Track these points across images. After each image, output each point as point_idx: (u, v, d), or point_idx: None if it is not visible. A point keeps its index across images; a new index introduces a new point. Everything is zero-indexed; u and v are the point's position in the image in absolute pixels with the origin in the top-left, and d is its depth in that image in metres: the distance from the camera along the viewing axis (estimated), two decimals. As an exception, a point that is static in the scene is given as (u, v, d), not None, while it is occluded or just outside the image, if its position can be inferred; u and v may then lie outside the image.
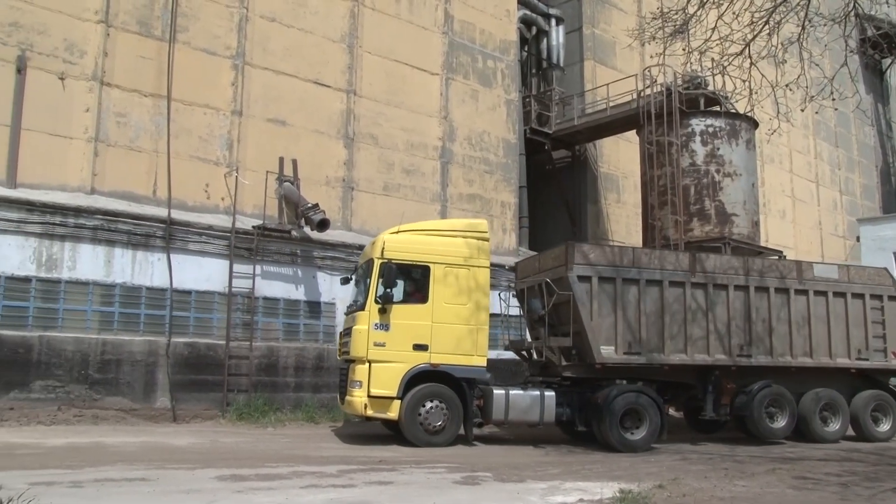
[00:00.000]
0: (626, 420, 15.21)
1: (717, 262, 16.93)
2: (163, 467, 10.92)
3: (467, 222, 16.41)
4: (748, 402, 16.49)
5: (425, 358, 14.43)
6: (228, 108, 19.12)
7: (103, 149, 17.26)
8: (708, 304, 16.35)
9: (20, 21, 16.59)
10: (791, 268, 17.63)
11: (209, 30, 19.02)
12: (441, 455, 13.47)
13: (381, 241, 14.87)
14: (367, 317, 14.37)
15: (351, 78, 21.31)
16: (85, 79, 17.19)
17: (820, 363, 17.25)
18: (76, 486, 9.24)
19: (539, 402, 15.12)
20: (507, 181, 24.71)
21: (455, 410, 14.49)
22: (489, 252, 15.50)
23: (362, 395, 14.12)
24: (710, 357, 16.31)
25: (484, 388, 14.99)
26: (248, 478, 10.36)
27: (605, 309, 15.60)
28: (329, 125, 20.87)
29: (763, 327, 16.84)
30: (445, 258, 14.90)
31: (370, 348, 14.23)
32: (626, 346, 15.66)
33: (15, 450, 12.06)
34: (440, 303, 14.68)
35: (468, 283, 14.95)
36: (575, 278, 15.41)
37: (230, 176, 18.83)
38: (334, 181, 20.85)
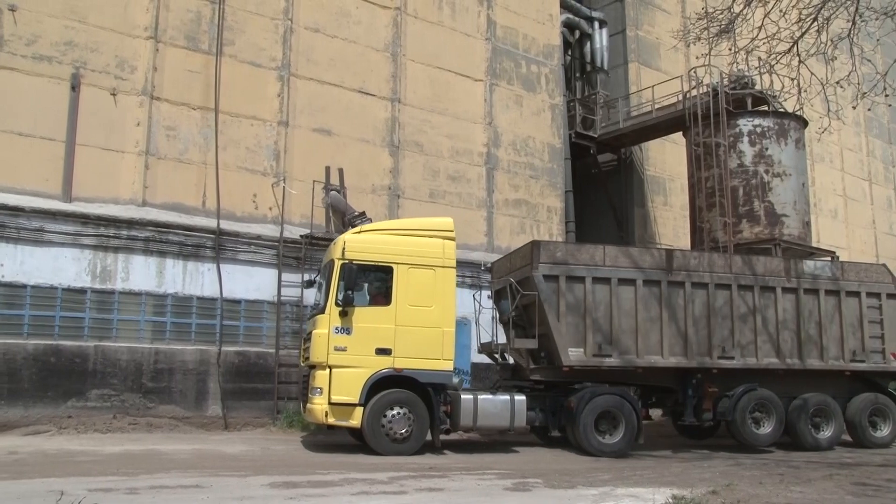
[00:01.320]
0: (601, 424, 14.84)
1: (697, 259, 16.29)
2: (216, 474, 11.00)
3: (433, 220, 15.71)
4: (731, 407, 15.79)
5: (388, 363, 13.78)
6: (275, 119, 19.26)
7: (154, 162, 17.51)
8: (686, 303, 15.70)
9: (74, 40, 16.94)
10: (779, 265, 16.90)
11: (255, 42, 19.20)
12: (491, 462, 13.43)
13: (342, 241, 14.20)
14: (328, 320, 13.76)
15: (395, 86, 21.36)
16: (135, 94, 17.47)
17: (811, 366, 16.51)
18: (133, 493, 9.36)
19: (509, 406, 14.54)
20: (553, 186, 24.54)
21: (421, 417, 13.86)
22: (455, 251, 14.74)
23: (323, 403, 13.50)
24: (687, 359, 15.67)
25: (451, 393, 14.44)
26: (299, 485, 10.37)
27: (574, 309, 15.05)
28: (374, 133, 20.93)
29: (747, 327, 16.16)
30: (409, 258, 14.24)
31: (331, 353, 13.60)
32: (595, 348, 15.06)
33: (74, 456, 12.27)
34: (404, 305, 14.04)
35: (434, 285, 14.26)
36: (540, 277, 14.91)
37: (277, 186, 18.97)
38: (380, 189, 20.90)
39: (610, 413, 14.88)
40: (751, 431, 15.88)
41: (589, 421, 14.61)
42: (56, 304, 15.88)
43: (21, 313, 15.68)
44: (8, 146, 16.00)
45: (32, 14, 16.58)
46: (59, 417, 15.40)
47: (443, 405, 14.28)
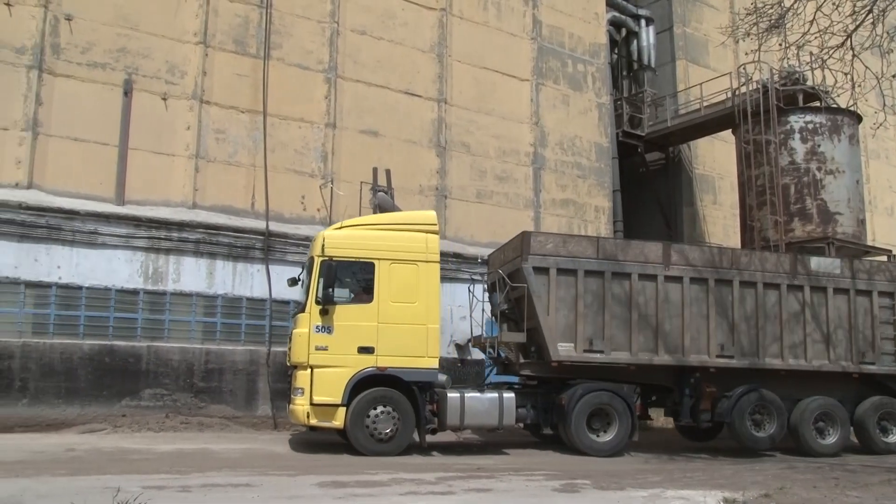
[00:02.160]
0: (594, 422, 14.40)
1: (698, 254, 15.61)
2: (266, 473, 11.02)
3: (416, 214, 15.30)
4: (729, 408, 15.07)
5: (371, 361, 13.31)
6: (322, 121, 19.32)
7: (203, 165, 17.68)
8: (684, 299, 15.05)
9: (126, 46, 17.20)
10: (784, 261, 16.16)
11: (302, 45, 19.28)
12: (539, 463, 13.28)
13: (322, 237, 13.72)
14: (308, 319, 13.30)
15: (441, 87, 21.29)
16: (185, 98, 17.67)
17: (817, 367, 15.71)
18: (185, 491, 9.44)
19: (497, 404, 14.07)
20: (601, 185, 24.25)
21: (406, 416, 13.40)
22: (438, 245, 14.17)
23: (304, 404, 13.06)
24: (684, 357, 15.01)
25: (438, 391, 13.94)
26: (347, 484, 10.35)
27: (565, 303, 14.51)
28: (421, 134, 20.89)
29: (749, 326, 15.43)
30: (391, 254, 13.72)
31: (311, 353, 13.16)
32: (586, 344, 14.48)
33: (129, 454, 12.40)
34: (386, 302, 13.55)
35: (417, 280, 13.74)
36: (530, 270, 14.38)
37: (325, 187, 19.03)
38: (427, 190, 20.84)
39: (603, 410, 14.42)
40: (750, 434, 15.17)
41: (581, 418, 14.16)
42: (110, 304, 16.11)
43: (77, 314, 15.94)
44: (64, 151, 16.29)
45: (87, 23, 16.89)
46: (113, 416, 15.58)
47: (429, 404, 13.82)
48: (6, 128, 15.88)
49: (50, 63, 16.41)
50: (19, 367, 15.21)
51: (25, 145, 15.93)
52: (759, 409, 15.32)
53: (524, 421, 14.73)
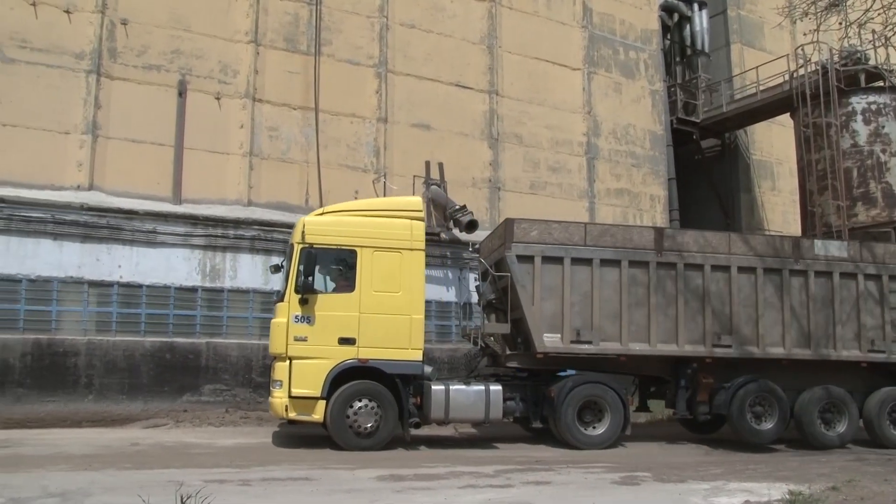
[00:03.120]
0: (585, 414, 13.75)
1: (692, 239, 14.63)
2: (324, 467, 11.00)
3: (400, 200, 14.56)
4: (727, 400, 14.22)
5: (353, 353, 12.67)
6: (374, 116, 19.25)
7: (257, 162, 17.75)
8: (678, 286, 14.25)
9: (180, 48, 17.35)
10: (786, 245, 15.14)
11: (352, 41, 19.23)
12: (598, 455, 12.99)
13: (302, 223, 13.06)
14: (287, 309, 12.66)
15: (492, 78, 21.03)
16: (238, 97, 17.75)
17: (821, 356, 14.73)
18: (245, 485, 9.48)
19: (484, 397, 13.35)
20: (656, 174, 23.75)
21: (389, 409, 12.75)
22: (424, 232, 13.49)
23: (283, 396, 12.46)
24: (678, 347, 14.17)
25: (422, 383, 13.27)
26: (406, 478, 10.30)
27: (551, 292, 13.76)
28: (473, 127, 20.67)
29: (748, 313, 14.51)
30: (374, 241, 13.01)
31: (290, 343, 12.53)
32: (573, 334, 13.74)
33: (190, 449, 12.51)
34: (369, 291, 12.86)
35: (401, 269, 13.07)
36: (514, 258, 13.72)
37: (378, 182, 18.95)
38: (480, 182, 20.63)
39: (595, 403, 13.77)
40: (749, 427, 14.23)
41: (571, 411, 13.50)
42: (169, 302, 16.27)
43: (139, 311, 16.14)
44: (122, 153, 16.50)
45: (141, 26, 17.06)
46: (175, 411, 15.73)
47: (413, 397, 13.17)
48: (67, 132, 16.12)
49: (107, 67, 16.62)
50: (85, 363, 15.44)
51: (86, 148, 16.17)
52: (759, 401, 14.39)
53: (513, 414, 14.00)
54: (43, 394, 14.87)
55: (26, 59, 16.02)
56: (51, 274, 15.51)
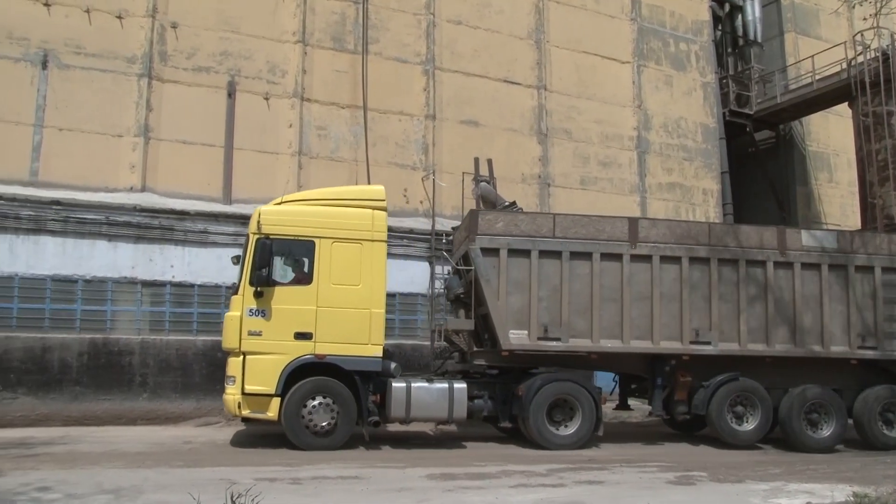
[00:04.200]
0: (556, 413, 13.03)
1: (669, 230, 13.78)
2: (375, 466, 10.86)
3: (361, 189, 13.80)
4: (706, 399, 13.44)
5: (309, 348, 12.03)
6: (422, 113, 19.02)
7: (306, 161, 17.65)
8: (653, 280, 13.42)
9: (229, 49, 17.32)
10: (771, 236, 14.17)
11: (399, 38, 19.02)
12: (651, 454, 12.64)
13: (257, 213, 12.39)
14: (241, 302, 12.00)
15: (540, 73, 20.62)
16: (287, 97, 17.66)
17: (808, 352, 13.85)
18: (296, 483, 9.39)
19: (447, 395, 12.62)
20: (708, 167, 23.07)
21: (347, 408, 12.09)
22: (386, 223, 12.84)
23: (235, 393, 11.83)
24: (653, 344, 13.37)
25: (383, 381, 12.55)
26: (457, 476, 10.10)
27: (518, 287, 13.00)
28: (522, 122, 20.30)
29: (729, 308, 13.65)
30: (333, 231, 12.34)
31: (244, 338, 11.88)
32: (541, 331, 12.99)
33: (242, 447, 12.45)
34: (327, 284, 12.19)
35: (360, 261, 12.36)
36: (478, 251, 12.97)
37: (427, 179, 18.66)
38: (530, 178, 20.24)
39: (566, 402, 13.03)
40: (728, 427, 13.47)
41: (540, 410, 12.79)
42: (221, 301, 16.14)
43: (191, 311, 16.13)
44: (174, 154, 16.52)
45: (191, 29, 17.08)
46: (229, 410, 15.68)
47: (372, 395, 12.45)
48: (120, 135, 16.19)
49: (158, 70, 16.65)
50: (139, 362, 15.47)
51: (138, 150, 16.22)
52: (740, 401, 13.61)
53: (480, 413, 13.26)
54: (99, 392, 14.90)
55: (81, 65, 16.15)
56: (105, 274, 15.56)
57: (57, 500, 8.14)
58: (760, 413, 13.57)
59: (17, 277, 15.08)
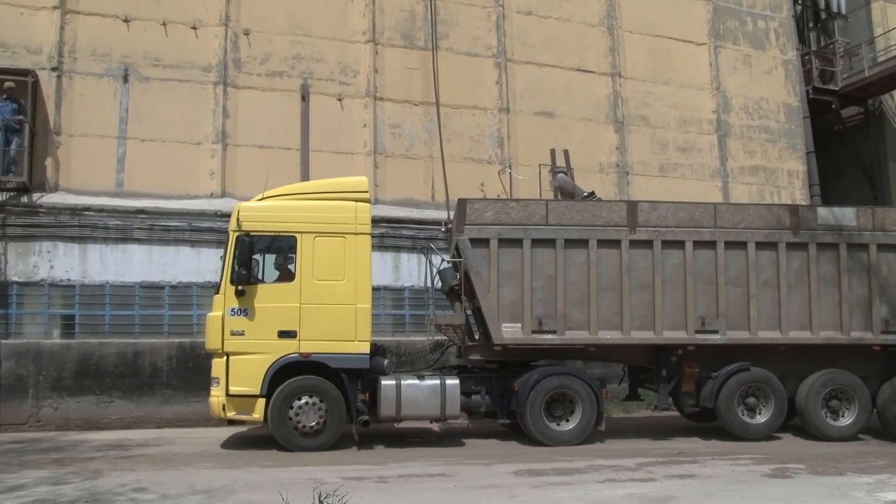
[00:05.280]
0: (555, 408, 12.39)
1: (671, 212, 12.92)
2: (461, 463, 10.67)
3: (344, 181, 13.13)
4: (714, 391, 12.64)
5: (294, 347, 11.65)
6: (495, 107, 18.66)
7: (382, 160, 17.53)
8: (655, 267, 12.63)
9: (301, 53, 17.34)
10: (783, 214, 13.25)
11: (469, 32, 18.72)
12: (746, 447, 12.02)
13: (237, 209, 12.03)
14: (223, 301, 11.68)
15: (614, 60, 20.03)
16: (360, 96, 17.57)
17: (826, 339, 12.89)
18: (382, 482, 9.34)
19: (439, 392, 12.09)
20: (793, 148, 22.05)
21: (335, 407, 11.69)
22: (370, 214, 12.37)
23: (220, 395, 11.51)
24: (655, 334, 12.60)
25: (373, 378, 12.10)
26: (544, 472, 9.86)
27: (510, 278, 12.37)
28: (597, 111, 19.74)
29: (738, 294, 12.78)
30: (315, 226, 11.94)
31: (227, 338, 11.55)
32: (535, 324, 12.34)
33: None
34: (310, 280, 11.79)
35: (344, 255, 11.90)
36: (467, 243, 12.34)
37: (504, 173, 18.37)
38: (608, 167, 19.67)
39: (565, 396, 12.41)
40: (739, 420, 12.68)
41: (537, 405, 12.20)
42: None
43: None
44: (251, 159, 16.57)
45: (263, 35, 17.15)
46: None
47: (361, 393, 12.00)
48: (199, 142, 16.36)
49: (233, 77, 16.77)
50: (226, 365, 15.50)
51: (217, 157, 16.36)
52: (751, 392, 12.80)
53: (477, 409, 12.67)
54: (189, 394, 14.96)
55: (159, 77, 16.39)
56: (190, 280, 15.70)
57: (152, 500, 8.28)
58: (774, 404, 12.76)
59: (108, 285, 15.36)
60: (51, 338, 14.98)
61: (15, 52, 15.64)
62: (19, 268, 15.00)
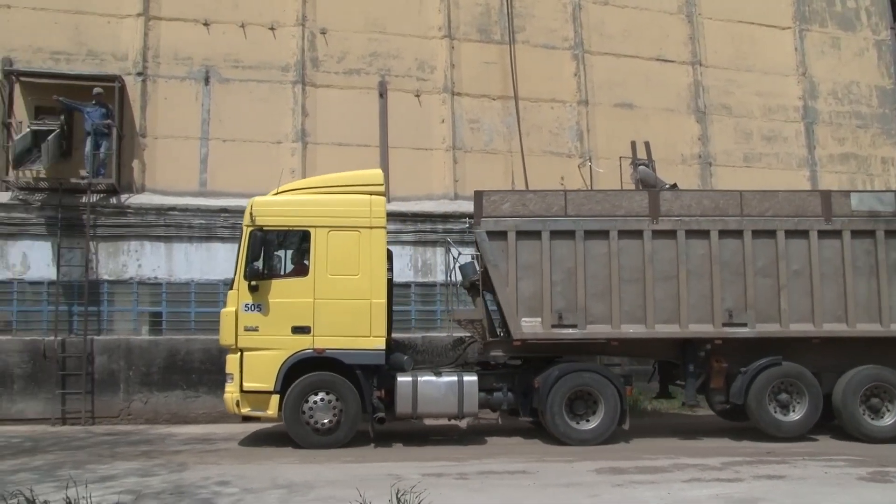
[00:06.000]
0: (578, 406, 11.89)
1: (695, 200, 12.42)
2: (542, 460, 10.48)
3: (358, 174, 12.77)
4: (743, 388, 12.00)
5: (307, 342, 11.48)
6: (574, 99, 18.24)
7: (461, 155, 17.30)
8: (679, 257, 12.08)
9: (378, 50, 17.27)
10: (814, 201, 12.46)
11: (545, 25, 18.35)
12: (840, 448, 11.45)
13: (250, 204, 11.87)
14: (237, 296, 11.56)
15: (694, 49, 19.35)
16: (437, 92, 17.40)
17: (864, 332, 12.09)
18: (462, 478, 9.24)
19: (456, 389, 11.76)
20: (887, 134, 20.94)
21: (350, 404, 11.47)
22: (385, 208, 12.14)
23: (234, 391, 11.37)
24: (681, 328, 12.00)
25: (390, 375, 11.85)
26: (626, 470, 9.60)
27: (528, 271, 11.95)
28: (678, 101, 19.10)
29: (767, 285, 12.11)
30: (329, 220, 11.74)
31: (240, 334, 11.44)
32: (555, 318, 11.88)
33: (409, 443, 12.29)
34: (324, 275, 11.59)
35: (359, 249, 11.68)
36: (484, 236, 11.99)
37: (584, 166, 17.93)
38: (690, 158, 19.01)
39: (589, 394, 11.92)
40: (770, 418, 12.01)
41: (557, 403, 11.74)
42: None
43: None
44: (331, 157, 16.53)
45: (340, 33, 17.15)
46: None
47: (377, 390, 11.78)
48: (279, 141, 16.44)
49: (311, 76, 16.81)
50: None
51: (297, 155, 16.40)
52: (784, 388, 12.11)
53: (498, 406, 12.35)
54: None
55: (239, 78, 16.55)
56: (276, 276, 15.68)
57: (235, 493, 8.33)
58: (808, 401, 12.07)
59: (193, 283, 15.56)
60: (140, 334, 15.27)
61: (103, 59, 16.00)
62: (109, 266, 15.34)
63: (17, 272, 15.08)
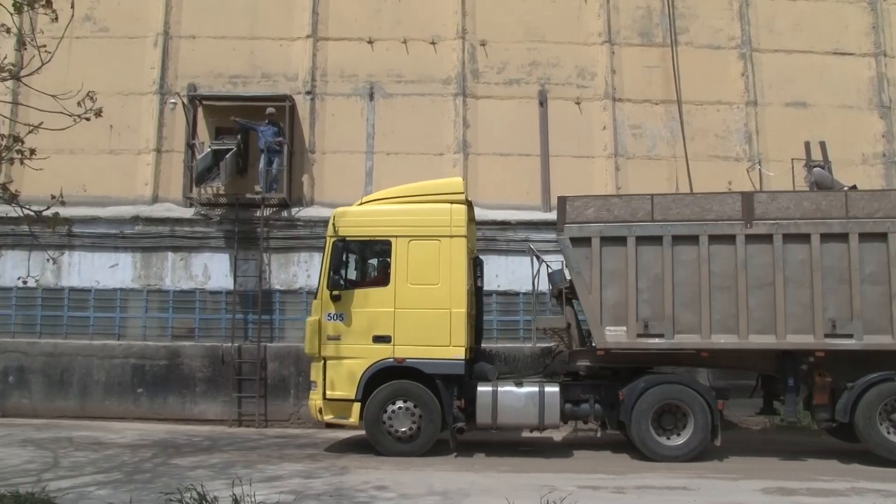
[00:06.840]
0: (666, 420, 11.29)
1: (793, 202, 11.41)
2: (704, 476, 10.09)
3: (440, 183, 12.54)
4: (849, 405, 10.87)
5: (388, 352, 11.42)
6: (742, 100, 17.30)
7: (623, 162, 16.84)
8: (775, 263, 11.14)
9: (537, 59, 17.16)
10: None
11: (709, 24, 17.56)
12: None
13: (333, 215, 11.93)
14: (320, 306, 11.68)
15: (877, 38, 17.83)
16: (598, 99, 17.02)
17: None
18: (619, 492, 9.09)
19: (537, 400, 11.40)
20: None
21: (431, 412, 11.33)
22: (465, 216, 11.84)
23: (317, 399, 11.50)
24: (777, 339, 11.04)
25: (472, 385, 11.59)
26: (797, 492, 9.04)
27: (613, 278, 11.42)
28: (857, 97, 17.68)
29: (877, 293, 10.95)
30: (410, 229, 11.66)
31: (323, 343, 11.55)
32: (641, 327, 11.27)
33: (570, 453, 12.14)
34: (404, 284, 11.53)
35: (439, 259, 11.53)
36: (567, 242, 11.58)
37: (753, 170, 16.98)
38: (872, 158, 17.54)
39: (678, 408, 11.32)
40: (882, 438, 10.85)
41: (644, 416, 11.17)
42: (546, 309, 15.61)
43: (516, 319, 16.11)
44: (492, 167, 16.66)
45: (499, 44, 17.17)
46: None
47: (457, 399, 11.53)
48: (441, 153, 16.64)
49: (471, 87, 16.91)
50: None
51: (458, 166, 16.48)
52: None
53: (584, 418, 11.89)
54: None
55: (401, 92, 16.90)
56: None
57: (391, 499, 8.52)
58: None
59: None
60: (309, 342, 15.73)
61: (275, 80, 16.81)
62: (281, 277, 16.06)
63: (200, 282, 16.06)
